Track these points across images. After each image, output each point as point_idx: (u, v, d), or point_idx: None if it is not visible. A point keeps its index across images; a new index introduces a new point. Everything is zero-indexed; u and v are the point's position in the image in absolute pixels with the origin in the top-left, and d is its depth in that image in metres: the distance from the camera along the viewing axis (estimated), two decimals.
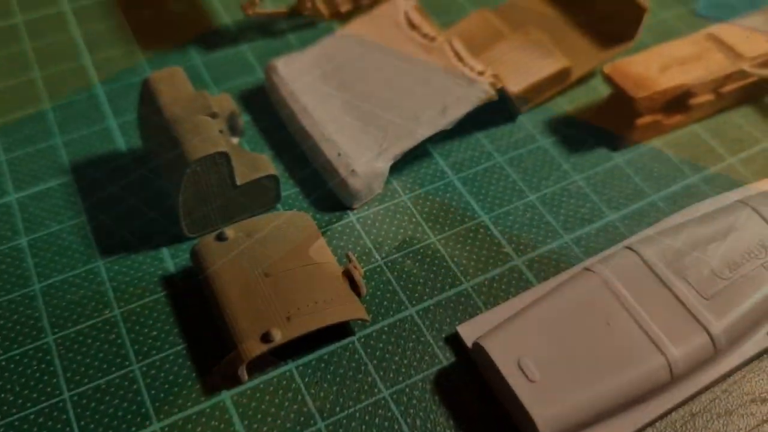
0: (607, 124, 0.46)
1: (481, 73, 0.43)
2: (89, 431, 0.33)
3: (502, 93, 0.44)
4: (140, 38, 0.51)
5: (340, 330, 0.37)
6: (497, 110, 0.46)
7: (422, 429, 0.33)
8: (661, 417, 0.34)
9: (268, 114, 0.47)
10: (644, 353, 0.34)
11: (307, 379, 0.35)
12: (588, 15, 0.50)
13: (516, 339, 0.34)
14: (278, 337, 0.34)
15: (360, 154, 0.41)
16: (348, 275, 0.37)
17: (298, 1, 0.50)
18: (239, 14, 0.53)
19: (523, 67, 0.46)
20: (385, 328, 0.37)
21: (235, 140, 0.44)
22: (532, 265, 0.40)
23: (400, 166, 0.43)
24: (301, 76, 0.45)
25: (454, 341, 0.37)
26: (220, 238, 0.37)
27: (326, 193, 0.43)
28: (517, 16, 0.51)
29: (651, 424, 0.34)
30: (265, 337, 0.34)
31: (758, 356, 0.36)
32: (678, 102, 0.46)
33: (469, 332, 0.36)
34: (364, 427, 0.33)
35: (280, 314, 0.35)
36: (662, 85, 0.44)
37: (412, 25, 0.46)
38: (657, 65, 0.45)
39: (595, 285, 0.36)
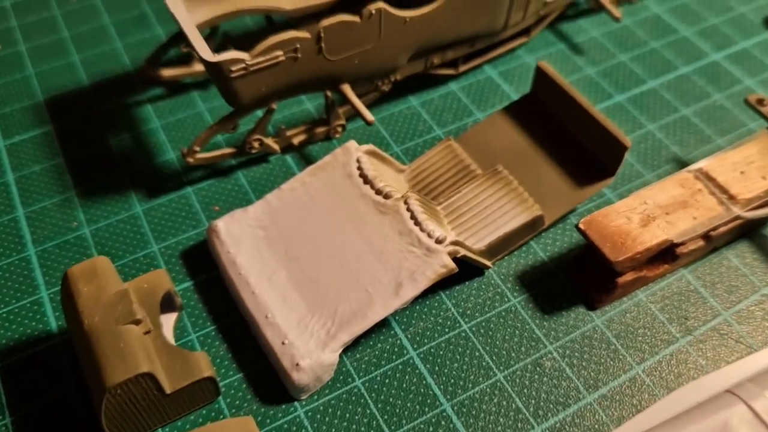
0: (584, 281, 0.42)
1: (439, 241, 0.38)
2: None
3: (465, 258, 0.40)
4: (78, 183, 0.47)
5: None
6: (463, 263, 0.42)
7: None
8: None
9: (212, 275, 0.43)
10: None
11: None
12: (564, 148, 0.45)
13: None
14: None
15: (305, 342, 0.37)
16: None
17: (244, 142, 0.45)
18: None
19: (491, 217, 0.42)
20: None
21: (172, 318, 0.40)
22: None
23: (355, 339, 0.39)
24: (244, 240, 0.41)
25: None
26: None
27: (272, 380, 0.39)
28: (486, 145, 0.46)
29: None
30: None
31: None
32: (664, 253, 0.41)
33: None
34: None
35: None
36: (644, 244, 0.39)
37: (365, 178, 0.42)
38: (638, 217, 0.40)
39: None
